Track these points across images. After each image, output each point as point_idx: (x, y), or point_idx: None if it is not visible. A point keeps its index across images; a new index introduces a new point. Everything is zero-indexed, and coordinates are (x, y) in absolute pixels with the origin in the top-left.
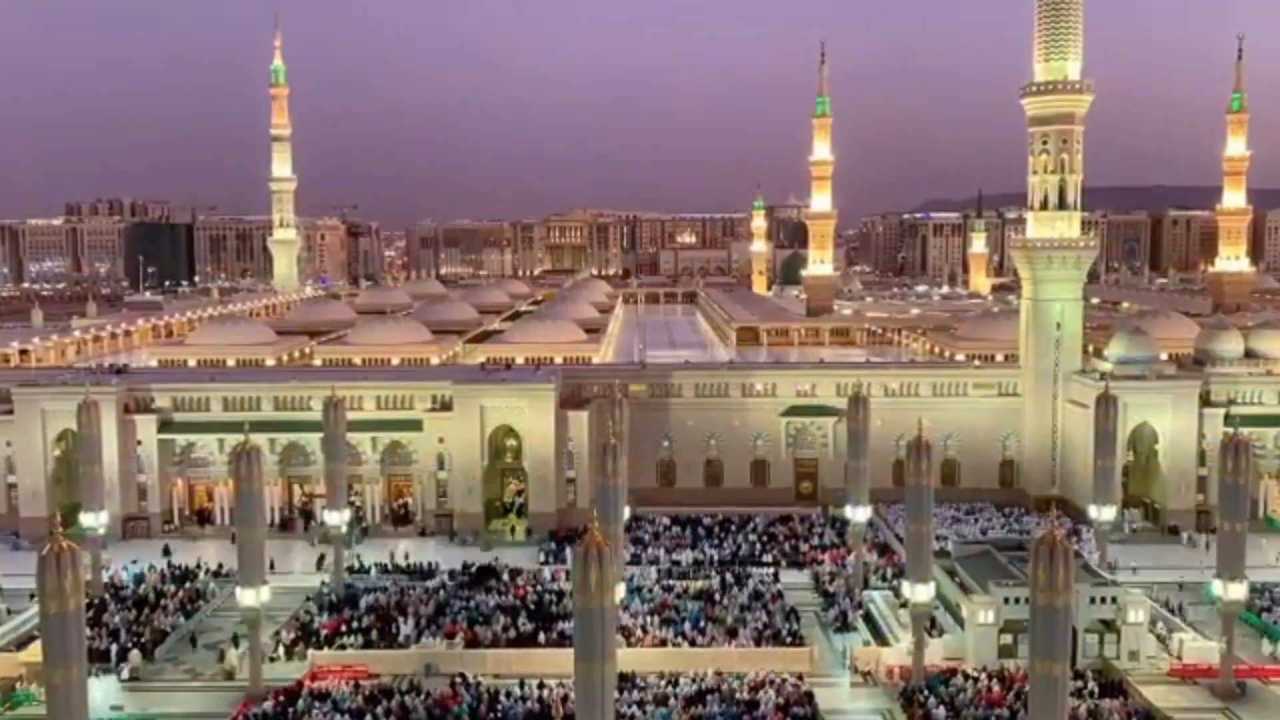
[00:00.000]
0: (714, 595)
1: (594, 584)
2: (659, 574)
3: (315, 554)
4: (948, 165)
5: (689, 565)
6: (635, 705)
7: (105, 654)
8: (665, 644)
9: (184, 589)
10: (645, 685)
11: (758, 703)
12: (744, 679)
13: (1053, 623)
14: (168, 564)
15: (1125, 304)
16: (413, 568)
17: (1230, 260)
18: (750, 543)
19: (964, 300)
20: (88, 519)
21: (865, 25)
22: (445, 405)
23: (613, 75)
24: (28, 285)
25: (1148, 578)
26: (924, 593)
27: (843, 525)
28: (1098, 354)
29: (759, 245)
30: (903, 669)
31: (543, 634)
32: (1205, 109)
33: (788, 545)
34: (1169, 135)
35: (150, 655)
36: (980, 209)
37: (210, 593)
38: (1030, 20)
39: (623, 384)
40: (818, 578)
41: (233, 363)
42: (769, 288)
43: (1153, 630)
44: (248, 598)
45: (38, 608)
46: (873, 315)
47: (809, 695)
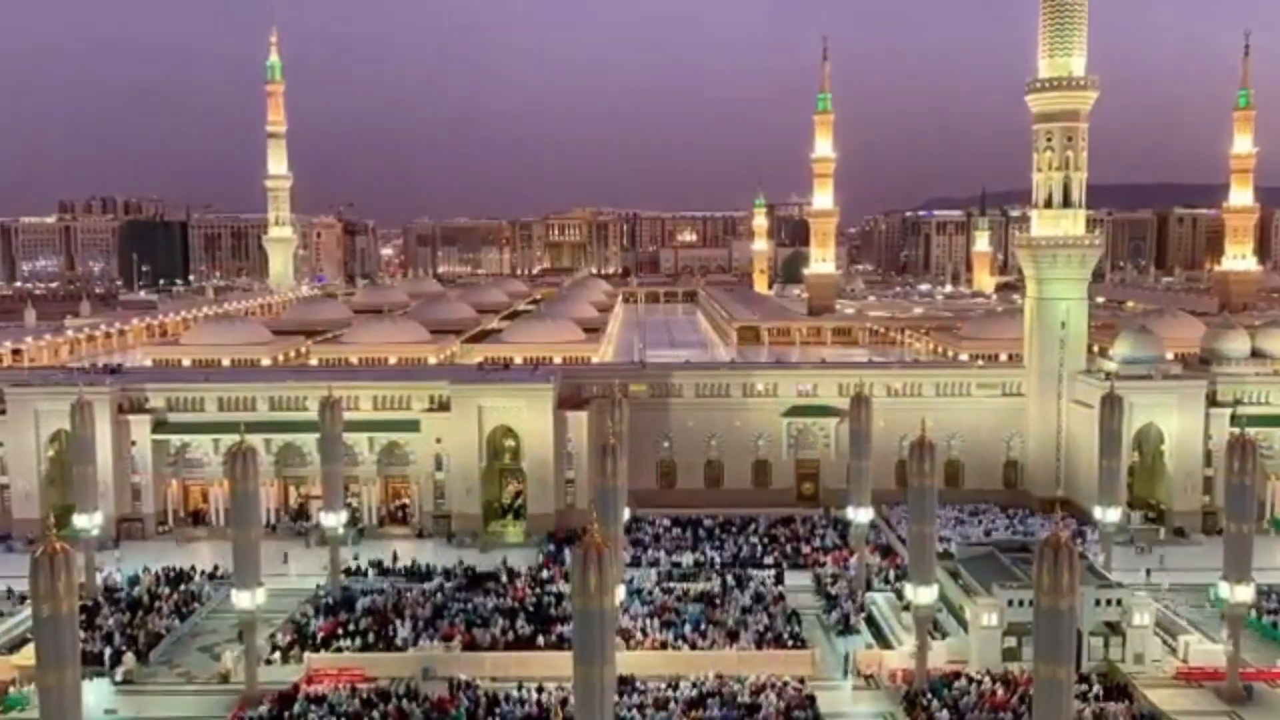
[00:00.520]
0: (715, 598)
1: (593, 586)
2: (659, 576)
3: (312, 556)
4: (951, 162)
5: (689, 567)
6: (635, 709)
7: (99, 657)
8: (665, 647)
9: (179, 591)
10: (645, 689)
11: (759, 706)
12: (745, 682)
13: (1057, 625)
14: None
15: (1131, 303)
16: (410, 569)
17: (1237, 259)
18: (751, 545)
19: (967, 299)
20: (81, 520)
21: (867, 22)
22: (443, 405)
23: (612, 72)
24: (20, 284)
25: (1154, 580)
26: (927, 595)
27: (845, 527)
28: (1103, 354)
29: (760, 243)
30: (905, 672)
31: (542, 636)
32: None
33: (789, 547)
34: (1175, 132)
35: (144, 658)
36: (984, 207)
37: (205, 595)
38: (1035, 16)
39: (622, 384)
40: (819, 580)
41: (228, 362)
42: (770, 286)
43: (1158, 633)
44: (243, 600)
45: (31, 610)
46: (875, 314)
47: (811, 699)
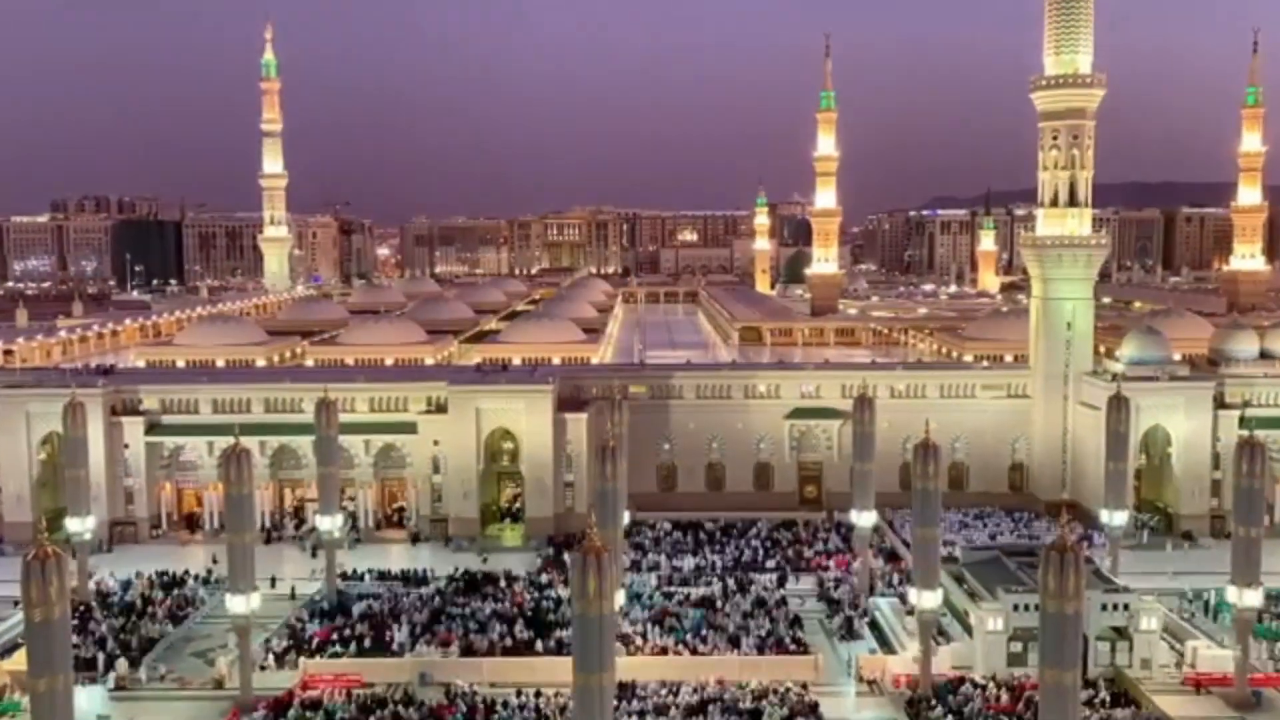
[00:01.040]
0: (716, 602)
1: (593, 591)
2: (659, 581)
3: (307, 560)
4: (956, 161)
5: (690, 572)
6: (635, 715)
7: (92, 662)
8: (666, 652)
9: (172, 596)
10: (645, 695)
11: (760, 712)
12: (746, 688)
13: (1063, 630)
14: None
15: (1138, 303)
16: (407, 574)
17: (1245, 258)
18: (753, 549)
19: (972, 299)
20: (73, 524)
21: (870, 19)
22: (440, 407)
23: (612, 69)
24: (12, 284)
25: (1159, 584)
26: (931, 599)
27: (848, 530)
28: (1109, 355)
29: (762, 243)
30: (909, 678)
31: (540, 642)
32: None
33: (791, 551)
34: (1183, 130)
35: (138, 664)
36: (989, 206)
37: (199, 600)
38: (1041, 13)
39: (622, 385)
40: (822, 584)
41: (222, 363)
42: (772, 286)
43: (1165, 637)
44: (237, 604)
45: (22, 615)
46: (878, 315)
47: (814, 706)
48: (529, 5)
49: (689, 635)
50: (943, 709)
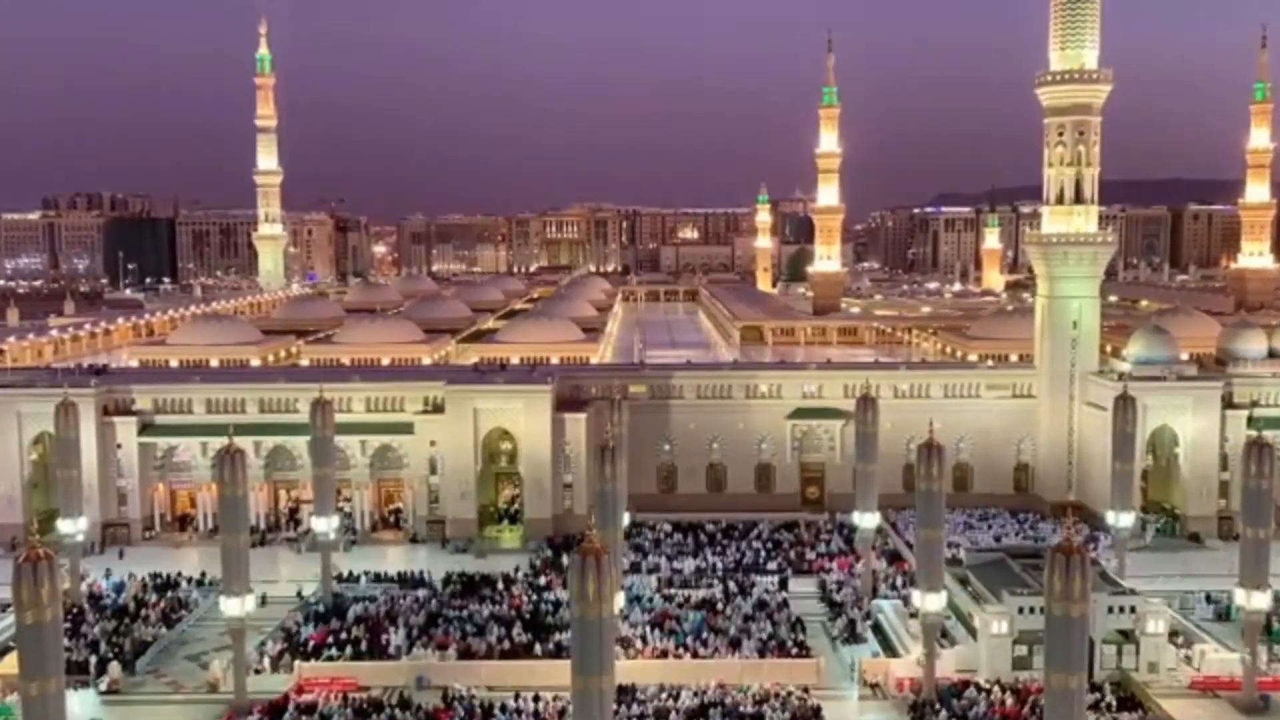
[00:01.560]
0: (716, 605)
1: (592, 593)
2: (659, 583)
3: (302, 562)
4: (960, 158)
5: (690, 574)
6: (635, 719)
7: (84, 665)
8: (666, 656)
9: (165, 598)
10: (645, 699)
11: (762, 716)
12: (747, 691)
13: (1069, 633)
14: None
15: (1144, 302)
16: (403, 576)
17: (1253, 256)
18: (754, 550)
19: (977, 298)
20: (65, 525)
21: (873, 15)
22: (437, 407)
23: (611, 65)
24: (3, 282)
25: (1167, 587)
26: (935, 602)
27: (850, 532)
28: (1116, 354)
29: (763, 241)
30: (913, 681)
31: (539, 645)
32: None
33: (793, 553)
34: (1190, 126)
35: (130, 667)
36: (994, 203)
37: (193, 602)
38: (1047, 8)
39: (622, 385)
40: (824, 586)
41: (216, 363)
42: (774, 285)
43: (1173, 641)
44: (232, 607)
45: (14, 618)
46: (882, 313)
47: (816, 710)
48: (527, 1)
49: (689, 638)
50: (947, 713)
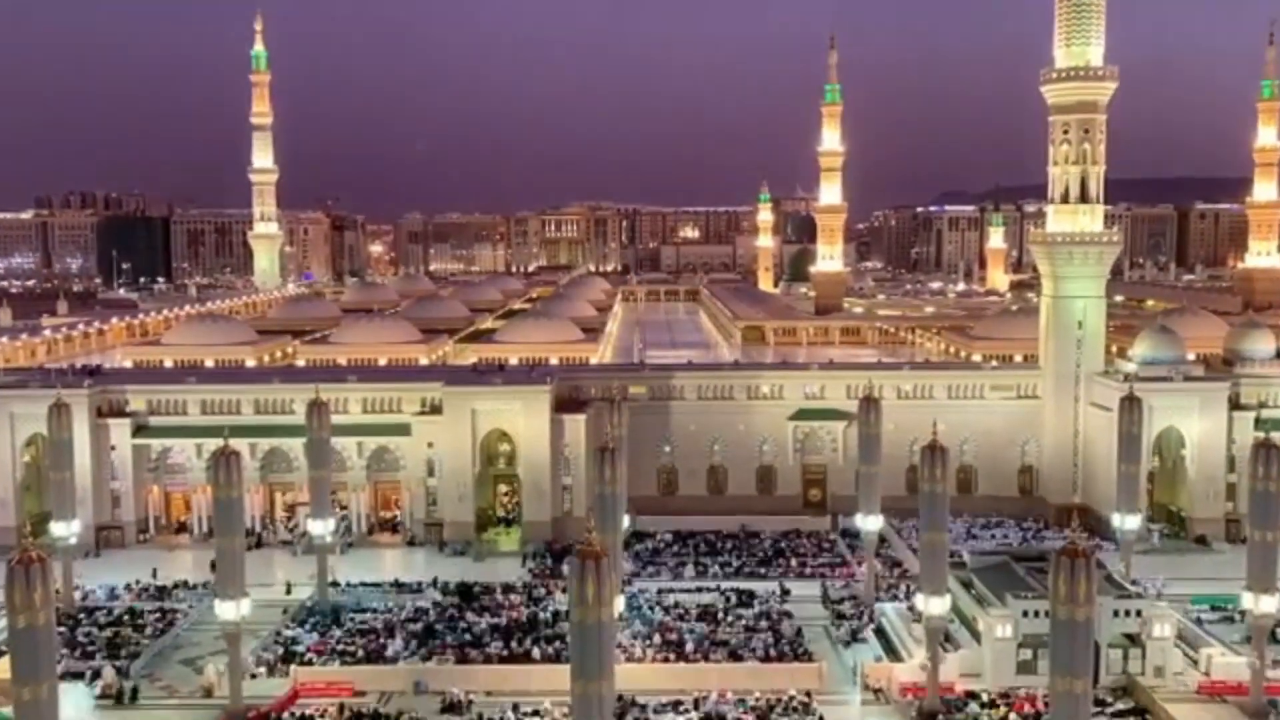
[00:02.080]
0: (717, 614)
1: (591, 596)
2: (659, 592)
3: (298, 565)
4: (964, 156)
5: (690, 583)
6: None
7: (78, 670)
8: (666, 661)
9: (160, 602)
10: (645, 705)
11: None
12: (748, 705)
13: (1074, 637)
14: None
15: (1150, 302)
16: (400, 584)
17: (1261, 255)
18: (756, 558)
19: (981, 298)
20: (59, 528)
21: (876, 11)
22: (435, 408)
23: (611, 61)
24: None
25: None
26: (939, 606)
27: (854, 537)
28: (1121, 354)
29: (765, 240)
30: (916, 686)
31: (537, 649)
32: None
33: (794, 560)
34: (1196, 124)
35: (125, 671)
36: (998, 202)
37: (188, 606)
38: (1052, 5)
39: (621, 386)
40: (827, 590)
41: (211, 363)
42: (775, 284)
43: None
44: (227, 611)
45: (6, 622)
46: (885, 313)
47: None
48: None
49: (689, 649)
50: None
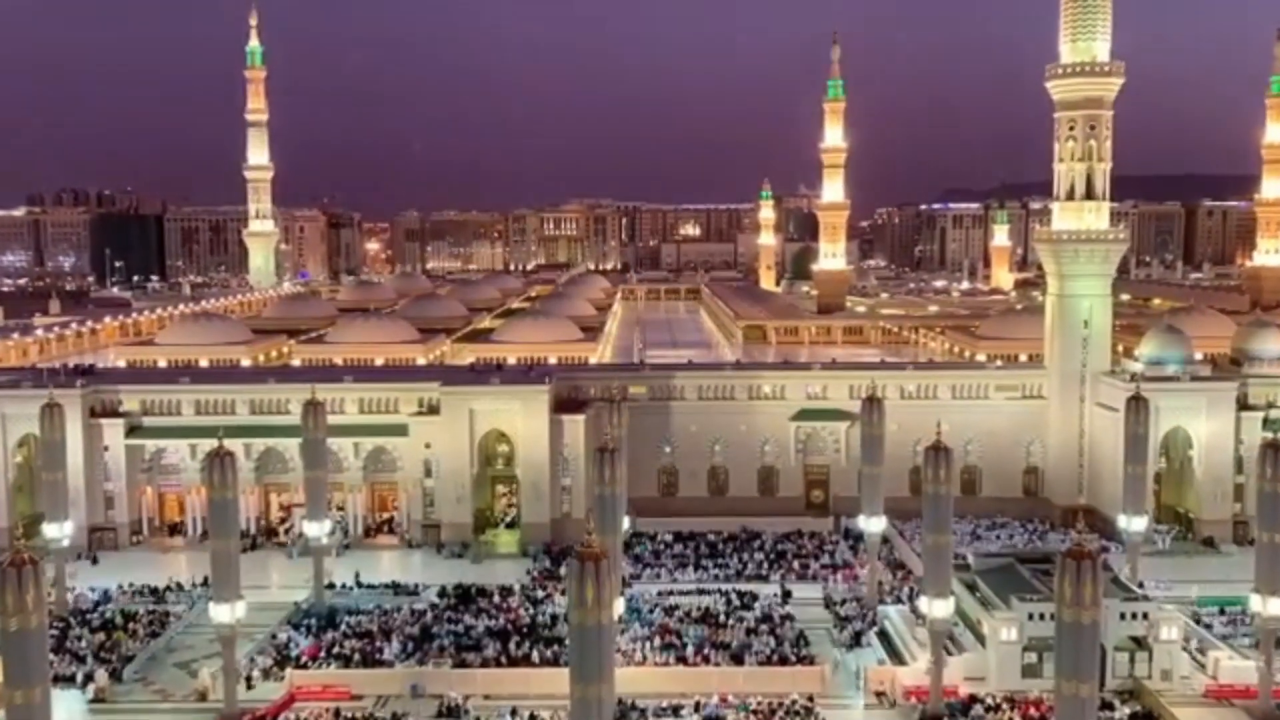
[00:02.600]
0: (718, 617)
1: (591, 598)
2: (659, 594)
3: (294, 567)
4: (968, 153)
5: (691, 585)
6: None
7: (70, 676)
8: (666, 665)
9: (153, 605)
10: (645, 708)
11: None
12: (749, 709)
13: (1080, 640)
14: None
15: (1157, 300)
16: (397, 586)
17: (1269, 254)
18: (757, 561)
19: (985, 296)
20: (51, 530)
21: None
22: (432, 409)
23: (611, 58)
24: None
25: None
26: (943, 608)
27: (856, 538)
28: (1128, 354)
29: (766, 238)
30: (920, 689)
31: (536, 652)
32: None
33: (797, 562)
34: (1204, 120)
35: (118, 675)
36: (1003, 199)
37: (182, 609)
38: (1058, 2)
39: (621, 386)
40: (829, 593)
41: (206, 363)
42: (777, 283)
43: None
44: (222, 614)
45: None
46: (888, 312)
47: None
48: None
49: (690, 652)
50: None
